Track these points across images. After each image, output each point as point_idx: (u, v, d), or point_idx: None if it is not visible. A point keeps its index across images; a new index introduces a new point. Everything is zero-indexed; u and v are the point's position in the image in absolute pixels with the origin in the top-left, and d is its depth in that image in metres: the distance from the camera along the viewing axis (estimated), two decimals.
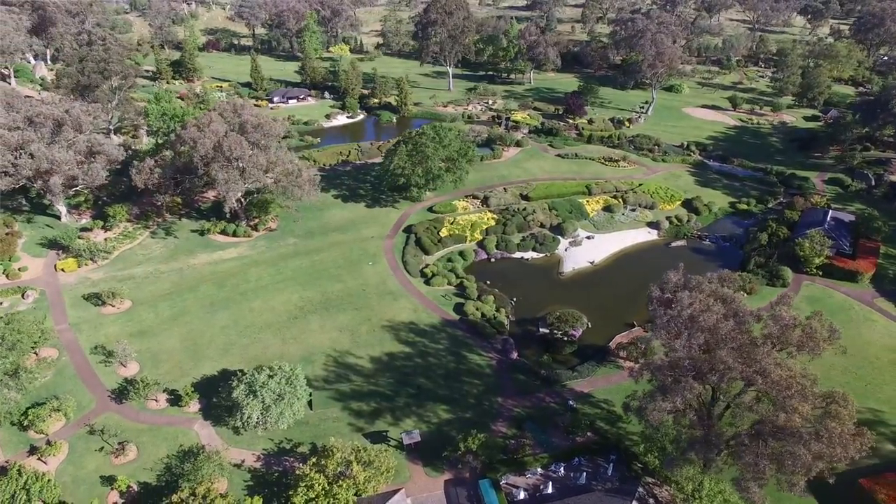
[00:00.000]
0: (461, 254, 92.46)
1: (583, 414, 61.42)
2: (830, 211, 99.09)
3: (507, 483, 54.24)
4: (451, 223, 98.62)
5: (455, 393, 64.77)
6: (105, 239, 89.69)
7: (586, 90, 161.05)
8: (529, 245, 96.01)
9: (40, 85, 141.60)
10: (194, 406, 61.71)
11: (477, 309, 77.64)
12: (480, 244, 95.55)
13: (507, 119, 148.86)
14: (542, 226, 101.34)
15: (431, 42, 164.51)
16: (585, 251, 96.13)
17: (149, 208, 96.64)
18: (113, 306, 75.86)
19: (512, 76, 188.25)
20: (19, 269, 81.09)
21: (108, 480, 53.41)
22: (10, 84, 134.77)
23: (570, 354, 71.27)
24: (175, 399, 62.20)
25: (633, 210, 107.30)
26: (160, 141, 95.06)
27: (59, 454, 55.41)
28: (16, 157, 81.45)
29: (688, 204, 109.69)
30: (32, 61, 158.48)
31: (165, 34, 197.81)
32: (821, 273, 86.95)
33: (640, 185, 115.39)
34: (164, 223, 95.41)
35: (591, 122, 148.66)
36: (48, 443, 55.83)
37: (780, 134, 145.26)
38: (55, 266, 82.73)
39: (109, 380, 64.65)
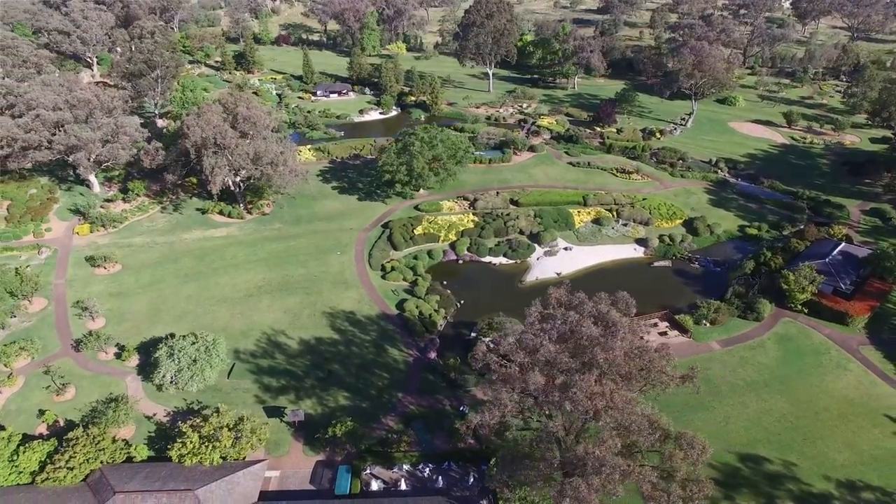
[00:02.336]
0: (430, 253, 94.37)
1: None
2: (842, 244, 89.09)
3: (371, 473, 56.41)
4: (430, 222, 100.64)
5: (361, 383, 67.55)
6: (122, 210, 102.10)
7: (623, 98, 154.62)
8: (502, 250, 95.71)
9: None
10: (133, 362, 69.78)
11: (417, 307, 79.55)
12: (452, 245, 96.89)
13: (533, 124, 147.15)
14: (521, 232, 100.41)
15: (470, 43, 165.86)
16: (558, 262, 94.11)
17: (168, 186, 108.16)
18: (105, 269, 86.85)
19: (558, 80, 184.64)
20: (45, 230, 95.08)
21: (43, 414, 62.44)
22: (93, 70, 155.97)
23: None
24: (121, 353, 70.68)
25: (625, 225, 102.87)
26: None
27: (14, 386, 65.49)
28: (52, 134, 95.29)
29: (689, 223, 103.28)
30: (119, 51, 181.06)
31: (241, 28, 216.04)
32: (806, 311, 79.07)
33: (643, 199, 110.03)
34: (175, 200, 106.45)
35: (619, 131, 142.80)
36: (8, 376, 66.18)
37: (833, 155, 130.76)
38: (73, 230, 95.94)
39: (77, 330, 74.64)
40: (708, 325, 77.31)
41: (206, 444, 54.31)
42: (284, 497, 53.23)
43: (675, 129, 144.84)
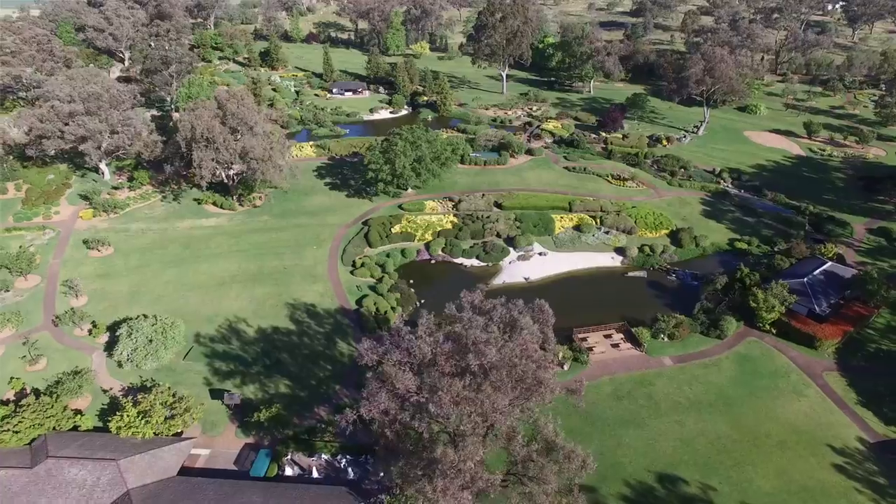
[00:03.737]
0: (403, 251, 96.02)
1: None
2: (828, 264, 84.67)
3: (292, 459, 58.83)
4: (409, 221, 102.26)
5: (304, 373, 70.06)
6: (126, 197, 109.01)
7: (634, 103, 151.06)
8: (475, 252, 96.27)
9: None
10: (103, 339, 74.96)
11: (375, 303, 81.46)
12: (427, 245, 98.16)
13: (537, 127, 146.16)
14: (498, 235, 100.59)
15: (483, 45, 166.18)
16: (529, 267, 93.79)
17: (169, 176, 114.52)
18: (98, 251, 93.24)
19: (574, 84, 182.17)
20: (54, 213, 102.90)
21: (12, 381, 68.18)
22: (124, 64, 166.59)
23: None
24: (92, 330, 76.06)
25: (607, 232, 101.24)
26: None
27: None
28: (65, 124, 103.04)
29: (675, 234, 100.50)
30: (139, 48, 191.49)
31: (273, 26, 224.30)
32: (774, 331, 75.89)
33: (633, 207, 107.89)
34: (177, 190, 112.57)
35: (625, 137, 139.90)
36: None
37: (850, 169, 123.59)
38: (78, 214, 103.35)
39: (61, 307, 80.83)
40: (666, 339, 75.47)
41: (142, 418, 58.15)
42: (203, 474, 56.23)
43: (685, 136, 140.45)
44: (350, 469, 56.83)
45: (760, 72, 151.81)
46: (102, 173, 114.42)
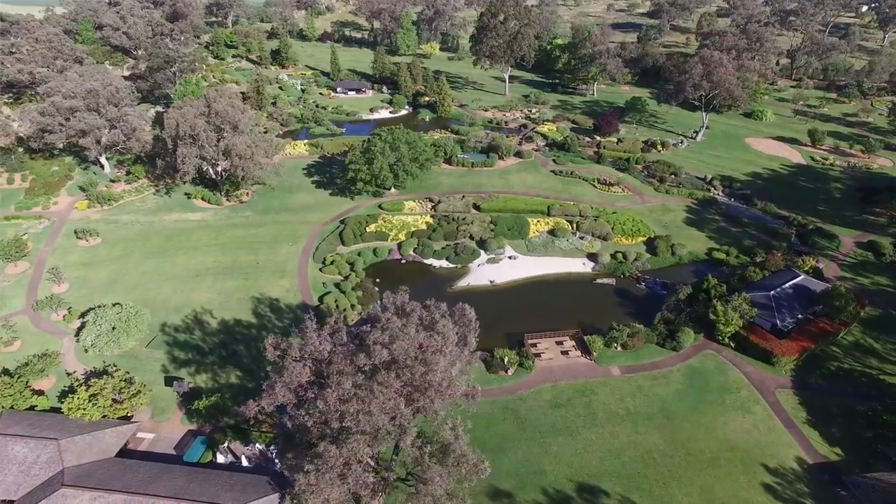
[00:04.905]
0: (375, 251, 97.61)
1: None
2: (800, 277, 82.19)
3: (228, 447, 61.19)
4: (384, 221, 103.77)
5: (256, 365, 72.26)
6: (122, 190, 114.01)
7: (633, 107, 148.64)
8: (446, 254, 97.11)
9: None
10: (75, 324, 79.04)
11: (336, 300, 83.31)
12: (399, 245, 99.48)
13: (530, 129, 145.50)
14: (471, 237, 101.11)
15: (485, 46, 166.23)
16: (497, 270, 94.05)
17: (169, 170, 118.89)
18: (87, 241, 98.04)
19: (578, 86, 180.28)
20: (52, 203, 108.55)
21: None
22: (138, 62, 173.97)
23: None
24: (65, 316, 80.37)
25: (582, 238, 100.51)
26: None
27: None
28: (65, 119, 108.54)
29: (652, 241, 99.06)
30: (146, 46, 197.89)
31: (287, 24, 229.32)
32: (733, 345, 74.33)
33: (613, 212, 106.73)
34: (170, 184, 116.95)
35: (619, 141, 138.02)
36: None
37: (850, 179, 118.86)
38: (74, 205, 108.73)
39: (43, 292, 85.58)
40: (619, 348, 74.80)
41: (91, 401, 61.43)
42: (142, 456, 59.08)
43: (682, 141, 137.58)
44: (278, 459, 58.65)
45: (770, 76, 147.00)
46: (103, 166, 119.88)
